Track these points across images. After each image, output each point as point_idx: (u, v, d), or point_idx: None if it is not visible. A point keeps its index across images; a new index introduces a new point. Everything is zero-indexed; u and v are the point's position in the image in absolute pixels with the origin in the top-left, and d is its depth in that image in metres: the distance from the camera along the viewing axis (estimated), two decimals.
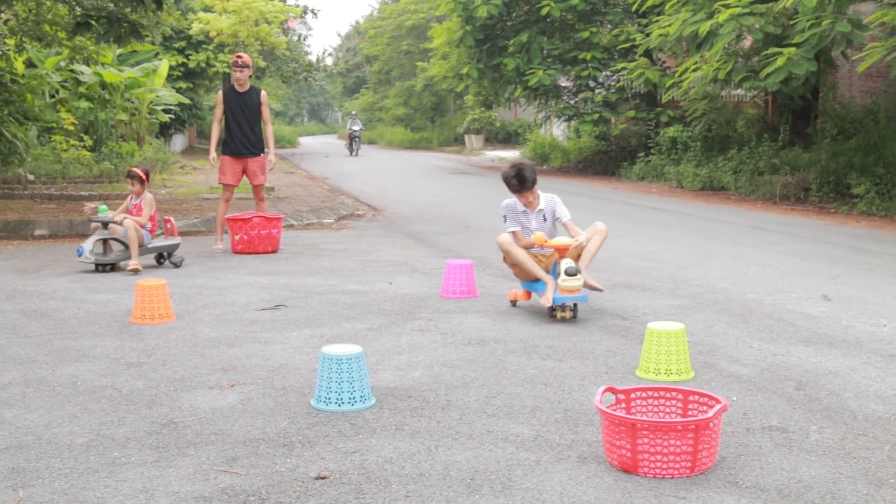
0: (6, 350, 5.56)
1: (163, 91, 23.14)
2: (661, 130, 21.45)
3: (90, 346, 5.65)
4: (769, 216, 13.67)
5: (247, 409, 4.40)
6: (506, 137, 40.71)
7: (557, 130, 32.14)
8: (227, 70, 28.67)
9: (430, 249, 10.15)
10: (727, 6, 14.78)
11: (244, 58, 10.00)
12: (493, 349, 5.58)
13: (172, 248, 8.78)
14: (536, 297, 6.69)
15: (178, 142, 33.88)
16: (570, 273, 6.05)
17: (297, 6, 37.82)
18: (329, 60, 55.62)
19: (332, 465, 3.67)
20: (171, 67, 28.06)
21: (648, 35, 18.39)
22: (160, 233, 9.10)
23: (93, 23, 12.50)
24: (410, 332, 6.03)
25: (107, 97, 20.27)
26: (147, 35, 13.40)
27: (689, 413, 3.91)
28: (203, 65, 31.11)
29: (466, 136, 40.16)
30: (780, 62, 13.93)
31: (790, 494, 3.39)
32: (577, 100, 24.74)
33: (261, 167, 10.16)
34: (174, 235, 8.96)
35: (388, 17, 50.94)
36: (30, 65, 18.46)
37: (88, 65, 18.89)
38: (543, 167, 27.43)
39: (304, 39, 44.24)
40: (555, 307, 6.30)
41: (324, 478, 3.55)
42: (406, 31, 48.50)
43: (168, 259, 8.84)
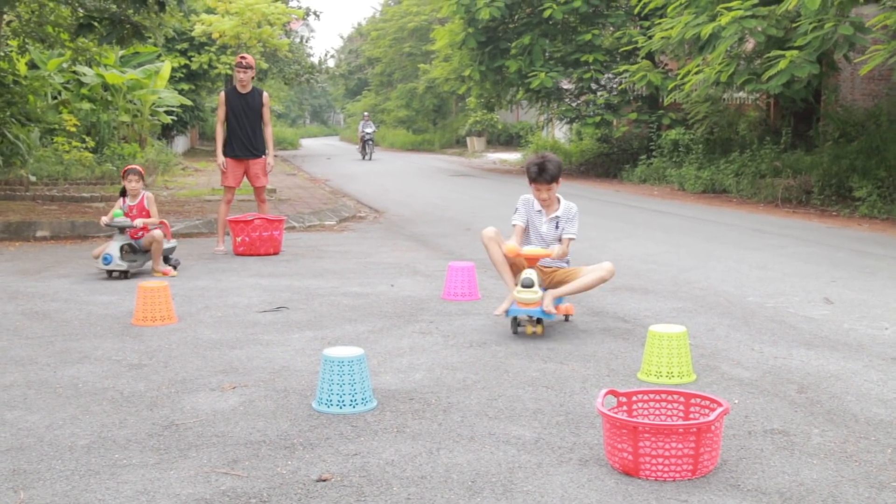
0: (8, 351, 5.56)
1: (165, 93, 23.16)
2: (663, 133, 21.45)
3: (92, 348, 5.66)
4: (771, 219, 13.66)
5: (248, 412, 4.40)
6: (508, 140, 40.73)
7: (559, 133, 32.15)
8: (230, 72, 28.72)
9: (432, 251, 10.15)
10: (729, 9, 14.79)
11: (248, 59, 9.99)
12: (495, 352, 5.58)
13: (170, 251, 8.70)
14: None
15: (180, 143, 33.90)
16: (525, 284, 5.73)
17: (300, 8, 37.85)
18: (331, 62, 55.67)
19: (334, 468, 3.67)
20: (174, 69, 28.09)
21: (651, 37, 18.39)
22: None
23: (95, 24, 12.52)
24: (412, 335, 6.03)
25: (109, 99, 20.28)
26: (149, 36, 13.42)
27: (691, 416, 3.91)
28: (205, 66, 31.13)
29: (468, 139, 40.18)
30: (783, 65, 13.93)
31: (792, 497, 3.39)
32: (579, 102, 24.74)
33: (262, 169, 10.15)
34: (168, 238, 8.84)
35: (391, 19, 50.99)
36: (32, 66, 18.48)
37: (91, 66, 18.91)
38: None
39: (307, 41, 44.19)
40: (511, 318, 5.99)
41: (325, 480, 3.55)
42: (408, 33, 48.54)
43: (168, 262, 8.73)
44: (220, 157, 10.03)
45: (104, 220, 8.35)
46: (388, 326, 6.28)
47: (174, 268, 8.55)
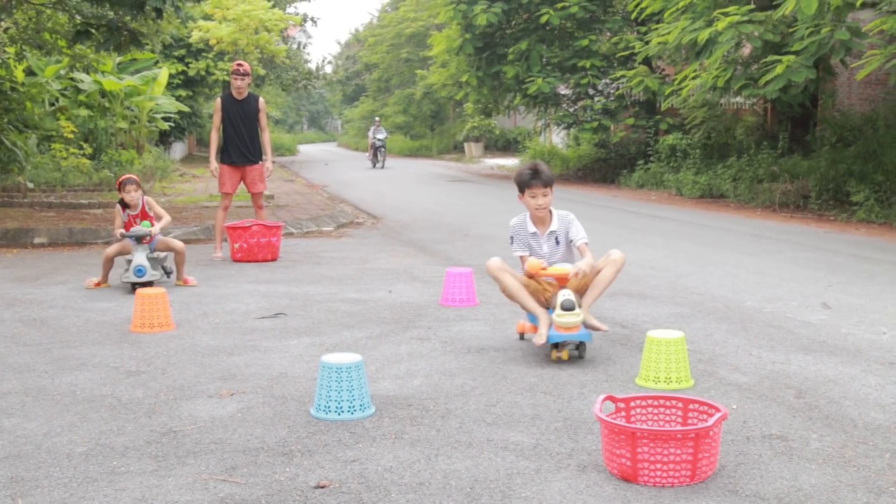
0: (5, 359, 5.56)
1: (162, 99, 23.14)
2: (661, 138, 21.47)
3: (90, 355, 5.65)
4: (768, 224, 13.67)
5: (246, 418, 4.39)
6: (505, 145, 40.75)
7: (557, 138, 32.17)
8: (227, 78, 28.71)
9: (430, 257, 10.15)
10: (726, 14, 14.81)
11: (244, 66, 10.00)
12: (493, 357, 5.57)
13: (163, 260, 8.39)
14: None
15: (178, 150, 33.90)
16: (567, 307, 5.30)
17: (297, 14, 37.89)
18: (328, 68, 55.61)
19: (332, 474, 3.67)
20: (171, 75, 28.08)
21: (648, 43, 18.41)
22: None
23: (93, 31, 12.53)
24: (410, 341, 6.03)
25: (106, 105, 20.29)
26: (147, 43, 13.43)
27: (689, 421, 3.91)
28: (203, 73, 31.13)
29: (466, 144, 40.20)
30: (780, 70, 13.95)
31: (790, 503, 3.39)
32: (577, 107, 24.75)
33: (259, 175, 10.15)
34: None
35: (388, 25, 51.01)
36: (30, 73, 18.47)
37: (88, 73, 18.92)
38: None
39: (304, 47, 44.23)
40: (557, 345, 5.52)
41: (323, 487, 3.54)
42: (405, 39, 48.56)
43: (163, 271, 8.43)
44: (213, 164, 10.04)
45: (119, 233, 8.04)
46: (386, 333, 6.28)
47: (168, 275, 8.36)
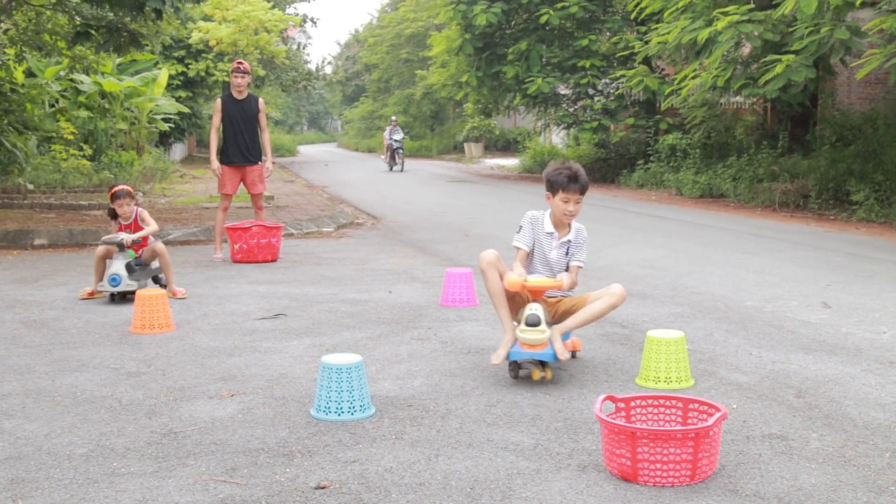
0: (6, 360, 5.56)
1: (162, 100, 23.16)
2: (661, 138, 21.47)
3: (90, 356, 5.65)
4: (768, 223, 13.67)
5: (246, 419, 4.39)
6: (505, 145, 40.77)
7: (557, 138, 32.18)
8: (227, 79, 28.71)
9: (430, 258, 10.15)
10: (726, 14, 14.81)
11: (245, 65, 10.00)
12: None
13: (157, 271, 7.93)
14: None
15: (178, 151, 33.91)
16: (531, 322, 4.85)
17: (297, 15, 37.92)
18: (328, 69, 55.66)
19: (332, 475, 3.67)
20: (171, 76, 28.10)
21: (647, 43, 18.42)
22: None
23: (92, 32, 12.53)
24: (410, 341, 6.03)
25: (106, 106, 20.29)
26: (147, 44, 13.43)
27: (689, 421, 3.91)
28: (202, 74, 31.15)
29: (466, 144, 40.21)
30: (779, 69, 13.95)
31: (790, 502, 3.39)
32: (577, 107, 24.76)
33: (259, 176, 10.15)
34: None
35: (388, 26, 51.03)
36: (29, 74, 18.49)
37: (88, 74, 18.93)
38: (543, 175, 27.43)
39: (304, 48, 44.25)
40: (511, 362, 5.09)
41: (324, 487, 3.54)
42: (405, 40, 48.59)
43: (157, 281, 7.94)
44: (215, 163, 9.99)
45: (104, 238, 7.68)
46: (387, 333, 6.28)
47: (164, 287, 7.76)
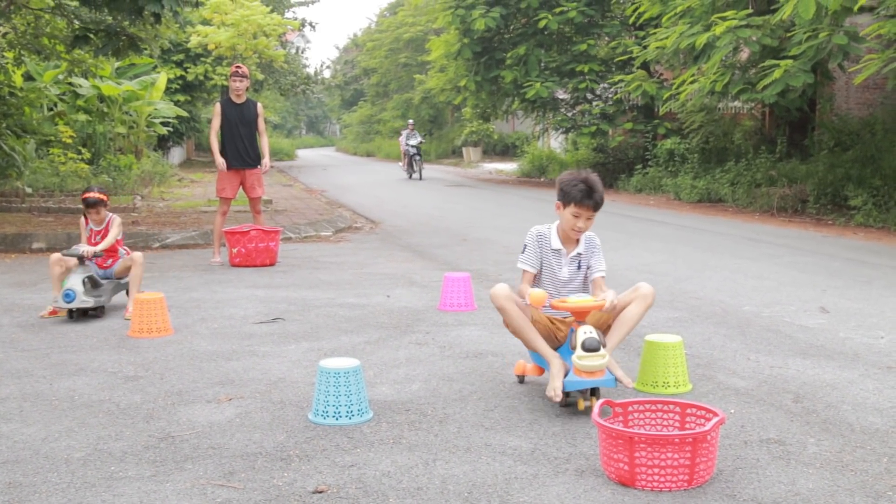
0: (3, 364, 5.55)
1: (161, 104, 23.19)
2: (659, 142, 21.49)
3: (88, 360, 5.65)
4: (766, 228, 13.68)
5: (244, 423, 4.39)
6: (503, 150, 40.80)
7: (555, 143, 32.20)
8: (226, 83, 28.72)
9: (428, 262, 10.15)
10: (724, 19, 14.84)
11: (243, 68, 10.03)
12: (491, 362, 5.57)
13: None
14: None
15: (176, 154, 33.93)
16: (590, 347, 4.34)
17: (296, 19, 37.94)
18: (327, 73, 55.69)
19: (330, 479, 3.67)
20: (170, 80, 28.13)
21: (646, 47, 18.44)
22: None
23: (91, 36, 12.54)
24: (408, 346, 6.03)
25: (105, 110, 20.31)
26: (145, 48, 13.44)
27: (687, 426, 3.91)
28: (201, 78, 31.18)
29: (464, 149, 40.23)
30: (777, 74, 13.97)
31: None
32: (575, 112, 24.80)
33: (258, 180, 10.16)
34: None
35: (386, 30, 51.12)
36: (28, 78, 18.50)
37: (87, 78, 18.94)
38: (541, 179, 27.47)
39: (303, 52, 44.33)
40: (568, 394, 4.56)
41: (321, 492, 3.54)
42: (404, 44, 48.67)
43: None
44: (219, 158, 9.89)
45: (64, 252, 7.10)
46: (385, 337, 6.28)
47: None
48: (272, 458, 3.91)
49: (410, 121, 31.41)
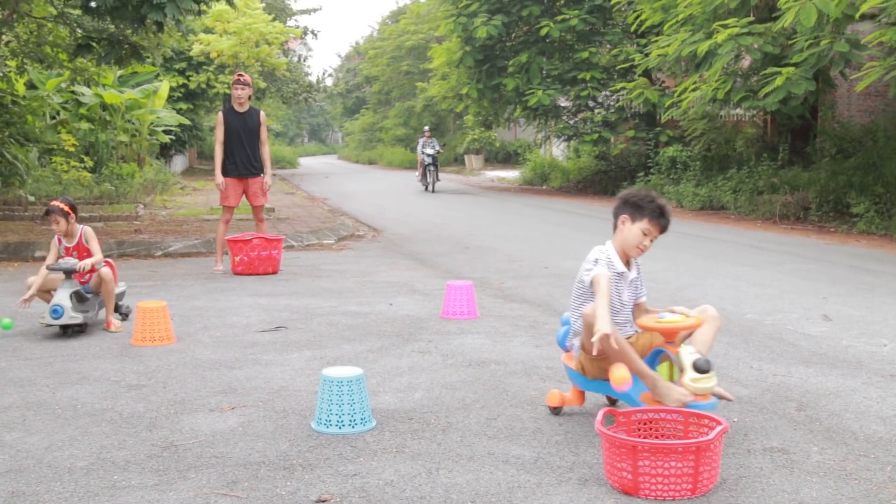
0: (6, 373, 5.55)
1: (163, 112, 23.22)
2: (661, 150, 21.50)
3: (91, 369, 5.65)
4: (769, 235, 13.68)
5: (247, 432, 4.39)
6: (505, 157, 40.84)
7: (557, 150, 32.22)
8: (228, 91, 28.79)
9: (431, 270, 10.15)
10: (725, 26, 14.85)
11: (245, 77, 10.04)
12: (494, 371, 5.57)
13: (120, 297, 7.19)
14: (625, 402, 4.51)
15: (179, 162, 33.96)
16: (702, 368, 4.12)
17: (298, 27, 38.06)
18: (329, 81, 55.86)
19: (333, 488, 3.67)
20: (172, 88, 28.19)
21: (647, 55, 18.47)
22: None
23: (94, 45, 12.56)
24: (411, 354, 6.03)
25: (107, 118, 20.34)
26: (148, 56, 13.46)
27: (690, 435, 3.91)
28: (203, 86, 31.24)
29: (466, 157, 40.28)
30: (779, 82, 13.99)
31: None
32: (577, 120, 24.81)
33: (261, 188, 10.16)
34: (116, 281, 7.02)
35: (388, 38, 51.22)
36: (31, 86, 18.53)
37: (89, 86, 18.97)
38: (543, 187, 27.49)
39: (305, 60, 44.40)
40: None
41: (324, 501, 3.54)
42: (406, 52, 48.76)
43: (118, 310, 7.18)
44: (219, 178, 9.99)
45: (48, 265, 6.81)
46: (387, 346, 6.28)
47: (125, 316, 7.23)
48: (275, 467, 3.91)
49: (427, 128, 28.68)
